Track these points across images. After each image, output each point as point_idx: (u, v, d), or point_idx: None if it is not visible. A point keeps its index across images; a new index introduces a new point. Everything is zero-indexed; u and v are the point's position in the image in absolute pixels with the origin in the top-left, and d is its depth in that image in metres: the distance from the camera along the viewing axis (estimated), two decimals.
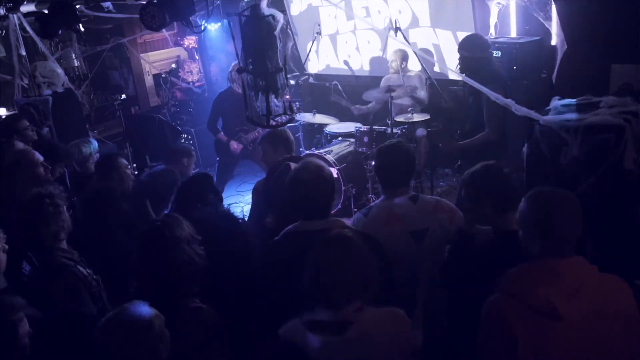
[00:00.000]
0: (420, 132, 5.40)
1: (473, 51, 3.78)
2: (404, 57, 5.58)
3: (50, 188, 2.62)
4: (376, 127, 5.25)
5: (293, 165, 3.03)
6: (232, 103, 5.35)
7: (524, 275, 1.79)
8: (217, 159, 5.83)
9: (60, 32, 4.43)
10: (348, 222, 2.65)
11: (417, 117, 5.13)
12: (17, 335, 1.87)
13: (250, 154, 5.56)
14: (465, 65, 3.82)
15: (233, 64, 5.41)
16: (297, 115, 5.52)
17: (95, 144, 4.34)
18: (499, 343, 1.77)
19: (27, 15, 4.90)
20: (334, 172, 4.98)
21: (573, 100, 3.11)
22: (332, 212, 2.75)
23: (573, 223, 1.77)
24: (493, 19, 5.05)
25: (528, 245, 1.84)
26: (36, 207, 2.49)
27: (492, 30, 5.08)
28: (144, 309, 1.72)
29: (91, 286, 2.50)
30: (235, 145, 5.48)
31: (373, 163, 3.88)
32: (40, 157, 3.33)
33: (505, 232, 2.20)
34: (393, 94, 4.99)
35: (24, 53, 5.18)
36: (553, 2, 4.29)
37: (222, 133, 5.55)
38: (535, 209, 1.80)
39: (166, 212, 3.20)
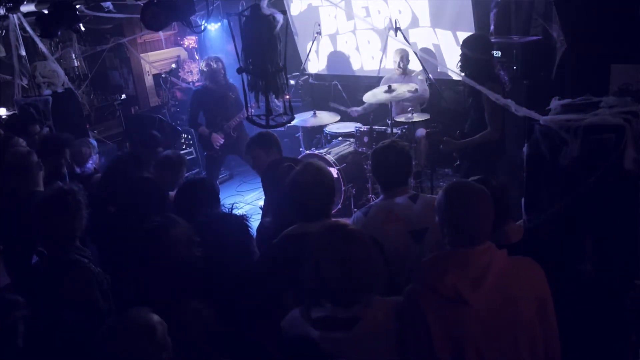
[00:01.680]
0: (420, 132, 5.40)
1: (475, 51, 3.77)
2: (405, 55, 5.58)
3: (71, 185, 2.64)
4: (376, 127, 5.26)
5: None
6: (208, 97, 5.44)
7: (435, 264, 1.85)
8: (205, 153, 5.85)
9: (60, 32, 4.44)
10: (348, 221, 2.65)
11: (417, 117, 5.14)
12: (17, 334, 1.88)
13: (235, 146, 5.56)
14: (465, 64, 3.82)
15: (204, 59, 5.51)
16: (298, 120, 5.50)
17: (94, 144, 4.35)
18: (416, 331, 1.80)
19: (27, 15, 4.90)
20: (334, 172, 4.98)
21: (573, 100, 3.11)
22: (332, 212, 2.74)
23: (483, 217, 1.82)
24: (493, 19, 5.05)
25: (442, 235, 1.90)
26: (60, 202, 2.50)
27: (492, 30, 5.08)
28: (147, 315, 1.70)
29: (102, 284, 2.52)
30: (216, 137, 5.47)
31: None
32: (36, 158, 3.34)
33: (504, 245, 2.20)
34: (393, 93, 4.99)
35: (24, 53, 5.18)
36: (553, 2, 4.30)
37: (203, 127, 5.56)
38: (449, 203, 1.86)
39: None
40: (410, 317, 1.83)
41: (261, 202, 6.21)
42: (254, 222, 2.65)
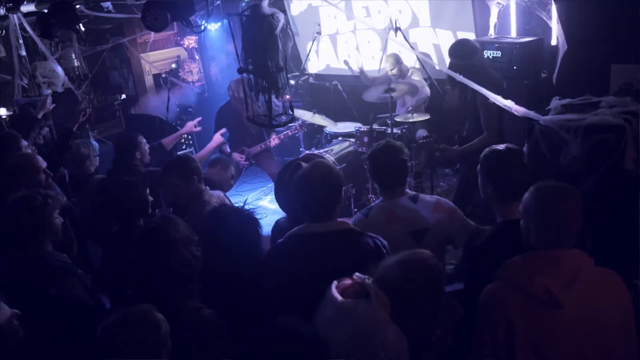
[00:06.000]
0: (421, 133, 5.39)
1: (460, 58, 3.76)
2: (397, 59, 5.53)
3: (39, 190, 2.52)
4: (376, 127, 5.25)
5: (304, 165, 3.02)
6: (231, 117, 5.36)
7: (523, 264, 1.80)
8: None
9: (60, 32, 4.43)
10: (349, 222, 2.65)
11: (417, 117, 5.13)
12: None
13: (257, 163, 5.58)
14: (454, 71, 3.80)
15: (234, 82, 5.32)
16: (298, 122, 5.48)
17: (95, 145, 4.35)
18: (498, 331, 1.77)
19: (27, 15, 4.90)
20: None
21: (573, 100, 3.11)
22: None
23: (573, 217, 1.80)
24: (493, 19, 5.05)
25: (528, 235, 1.86)
26: (24, 207, 2.38)
27: (491, 31, 5.08)
28: (154, 311, 1.73)
29: (87, 283, 2.49)
30: (238, 157, 5.44)
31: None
32: (43, 163, 3.21)
33: (508, 220, 2.22)
34: (393, 94, 4.99)
35: (24, 53, 5.17)
36: (553, 2, 4.30)
37: (226, 145, 5.47)
38: (538, 201, 1.83)
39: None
40: (492, 316, 1.79)
41: (261, 202, 6.23)
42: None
